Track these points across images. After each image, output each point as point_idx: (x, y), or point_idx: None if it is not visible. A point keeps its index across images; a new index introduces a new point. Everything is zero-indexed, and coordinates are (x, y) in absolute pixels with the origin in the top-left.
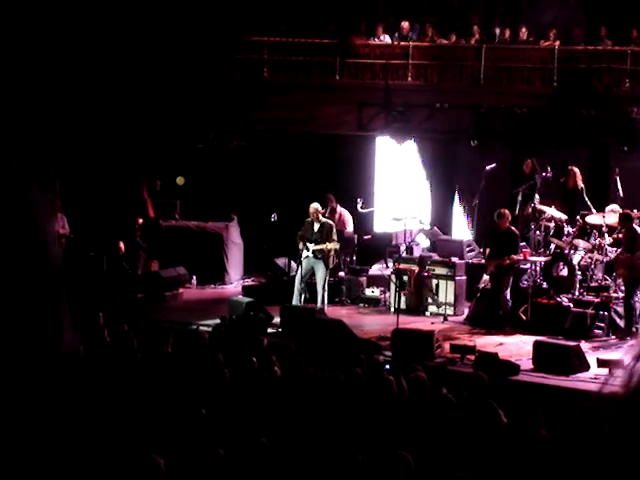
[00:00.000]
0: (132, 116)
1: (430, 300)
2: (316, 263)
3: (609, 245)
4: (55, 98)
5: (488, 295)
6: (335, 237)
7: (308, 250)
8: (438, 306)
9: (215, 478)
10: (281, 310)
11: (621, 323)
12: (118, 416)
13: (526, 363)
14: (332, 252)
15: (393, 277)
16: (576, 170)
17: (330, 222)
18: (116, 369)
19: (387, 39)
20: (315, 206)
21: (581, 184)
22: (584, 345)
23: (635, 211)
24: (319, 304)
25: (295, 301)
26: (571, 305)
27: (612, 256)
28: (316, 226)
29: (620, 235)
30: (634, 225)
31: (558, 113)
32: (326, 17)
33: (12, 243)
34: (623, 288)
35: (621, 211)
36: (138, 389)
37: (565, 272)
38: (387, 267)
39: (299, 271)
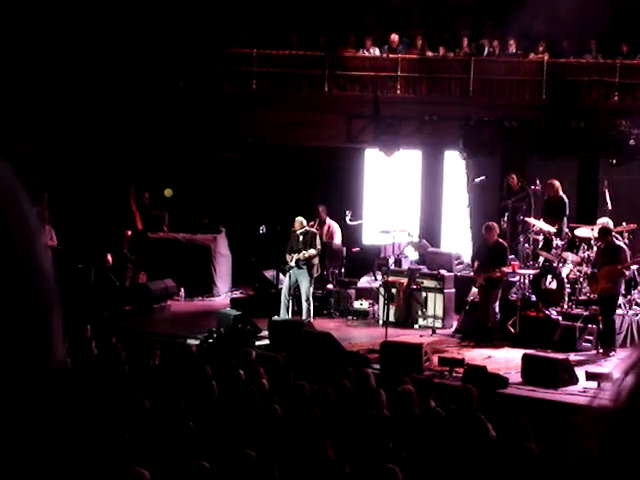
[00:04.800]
0: (120, 128)
1: (419, 313)
2: (300, 274)
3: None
4: (43, 109)
5: (477, 308)
6: (318, 245)
7: (292, 261)
8: (426, 319)
9: None
10: (269, 323)
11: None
12: (105, 428)
13: (515, 376)
14: (315, 261)
15: (382, 290)
16: (555, 182)
17: (314, 230)
18: (103, 382)
19: (376, 51)
20: (300, 220)
21: (562, 195)
22: (572, 358)
23: (624, 224)
24: (304, 316)
25: (282, 314)
26: (560, 318)
27: (588, 272)
28: (301, 237)
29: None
30: (614, 239)
31: (547, 126)
32: (315, 29)
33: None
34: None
35: (608, 224)
36: (125, 402)
37: (554, 285)
38: (376, 280)
39: (285, 284)
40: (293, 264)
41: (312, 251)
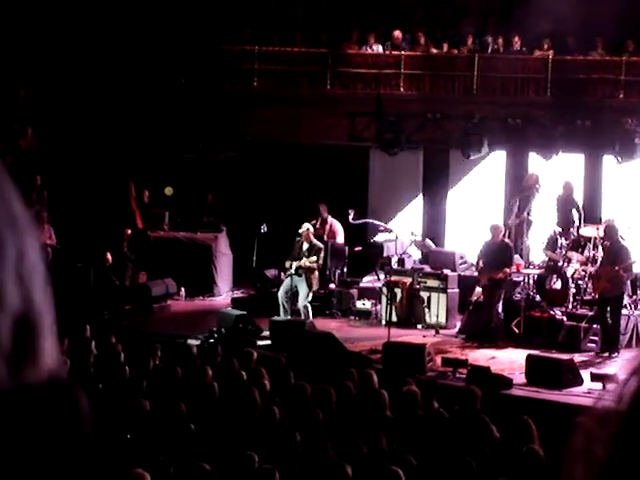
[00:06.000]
0: (120, 126)
1: (422, 313)
2: (299, 282)
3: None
4: (43, 107)
5: (480, 308)
6: (321, 260)
7: (292, 268)
8: (430, 319)
9: None
10: (270, 323)
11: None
12: (105, 430)
13: (519, 377)
14: (316, 274)
15: (384, 289)
16: (571, 182)
17: (320, 245)
18: (103, 382)
19: (379, 48)
20: (307, 226)
21: (575, 197)
22: (577, 359)
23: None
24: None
25: (281, 315)
26: (564, 318)
27: (593, 270)
28: (305, 245)
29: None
30: (619, 238)
31: (552, 123)
32: (317, 26)
33: None
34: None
35: (615, 223)
36: (125, 403)
37: (558, 285)
38: (378, 279)
39: (283, 286)
40: (293, 271)
41: (314, 258)
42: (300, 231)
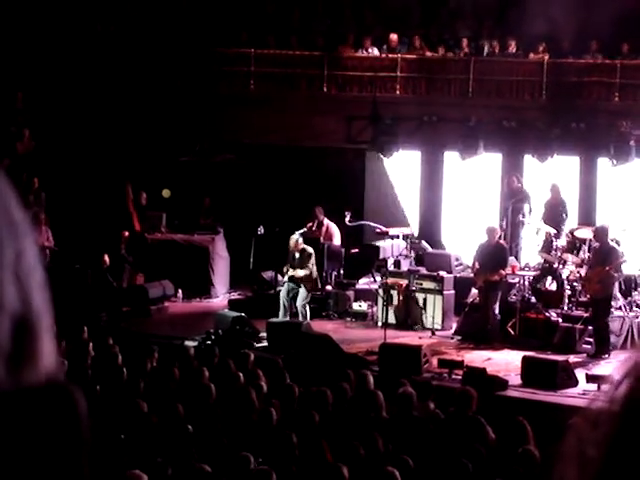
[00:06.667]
0: (118, 128)
1: (418, 315)
2: (296, 287)
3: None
4: (40, 109)
5: (476, 309)
6: (311, 265)
7: (287, 274)
8: (426, 320)
9: None
10: (267, 325)
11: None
12: (102, 431)
13: (514, 378)
14: (314, 275)
15: (381, 291)
16: (557, 185)
17: (310, 250)
18: (101, 384)
19: (375, 51)
20: (295, 238)
21: (563, 198)
22: (572, 360)
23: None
24: (300, 319)
25: (281, 315)
26: (560, 320)
27: (583, 272)
28: (297, 255)
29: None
30: (609, 240)
31: (547, 126)
32: (314, 29)
33: None
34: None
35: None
36: (122, 404)
37: (554, 286)
38: (375, 281)
39: (284, 288)
40: (286, 279)
41: (299, 272)
42: (290, 243)
